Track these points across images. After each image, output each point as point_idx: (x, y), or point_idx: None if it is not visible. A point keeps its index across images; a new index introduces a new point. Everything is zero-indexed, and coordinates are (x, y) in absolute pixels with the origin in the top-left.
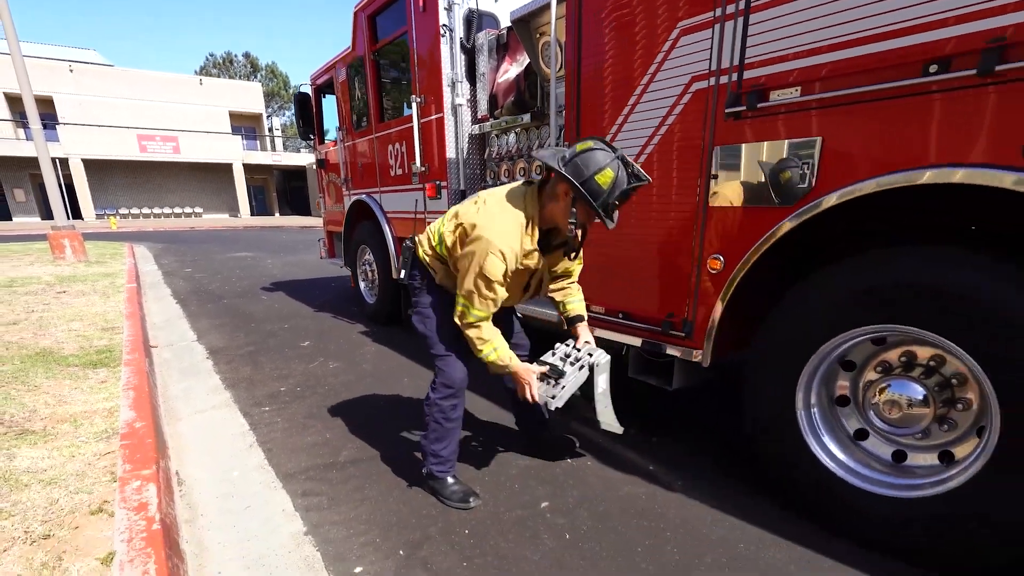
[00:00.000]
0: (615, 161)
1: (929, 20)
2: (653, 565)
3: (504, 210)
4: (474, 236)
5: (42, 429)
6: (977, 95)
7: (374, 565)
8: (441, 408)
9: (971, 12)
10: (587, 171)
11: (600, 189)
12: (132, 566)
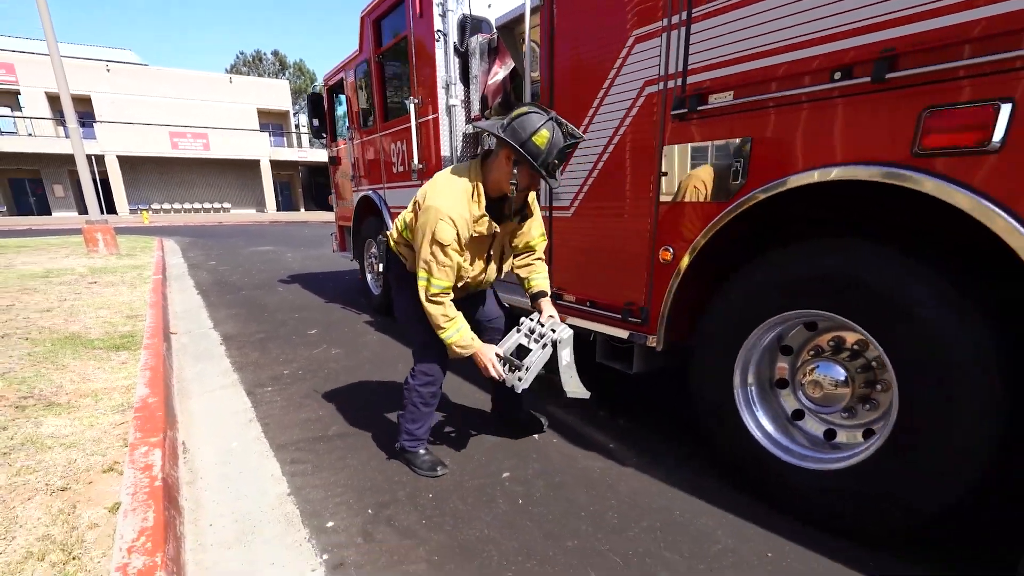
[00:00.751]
0: (550, 122)
1: (834, 32)
2: (592, 527)
3: (449, 181)
4: (424, 208)
5: (66, 402)
6: (872, 100)
7: (344, 520)
8: (420, 394)
9: (867, 25)
10: (524, 133)
11: (538, 149)
12: (134, 514)
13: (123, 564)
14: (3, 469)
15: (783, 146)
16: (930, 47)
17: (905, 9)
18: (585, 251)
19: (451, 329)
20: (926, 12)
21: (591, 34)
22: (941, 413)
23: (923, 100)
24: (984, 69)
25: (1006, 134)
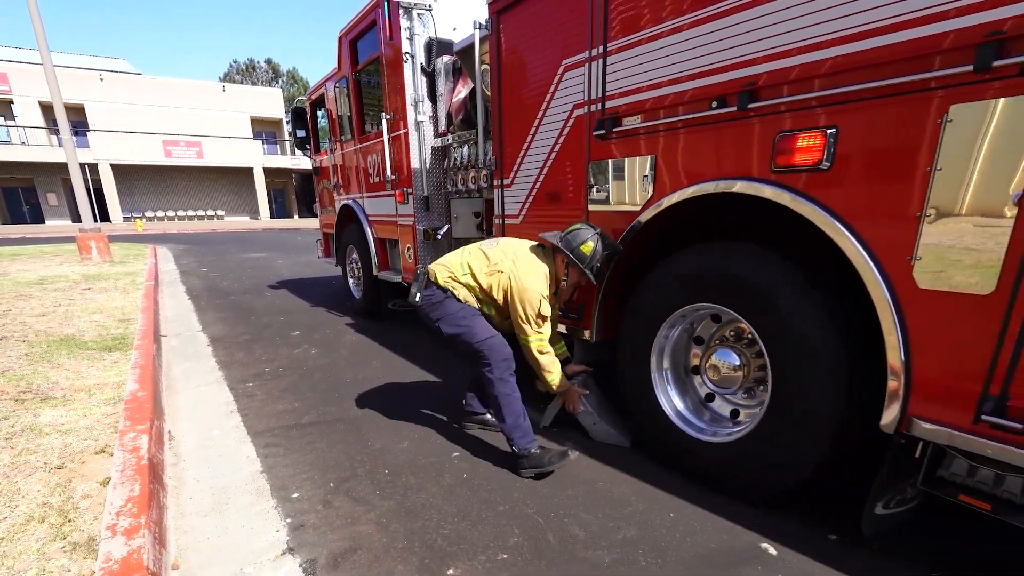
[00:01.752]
0: (595, 236)
1: (710, 68)
2: (524, 495)
3: (536, 267)
4: (523, 289)
5: (62, 396)
6: (740, 125)
7: (308, 492)
8: (506, 381)
9: (733, 63)
10: (574, 243)
11: (584, 255)
12: (122, 486)
13: (112, 524)
14: (6, 451)
15: (677, 163)
16: (779, 83)
17: (759, 52)
18: None
19: (556, 372)
20: (774, 54)
21: (530, 61)
22: (801, 388)
23: (776, 126)
24: (816, 103)
25: (834, 156)
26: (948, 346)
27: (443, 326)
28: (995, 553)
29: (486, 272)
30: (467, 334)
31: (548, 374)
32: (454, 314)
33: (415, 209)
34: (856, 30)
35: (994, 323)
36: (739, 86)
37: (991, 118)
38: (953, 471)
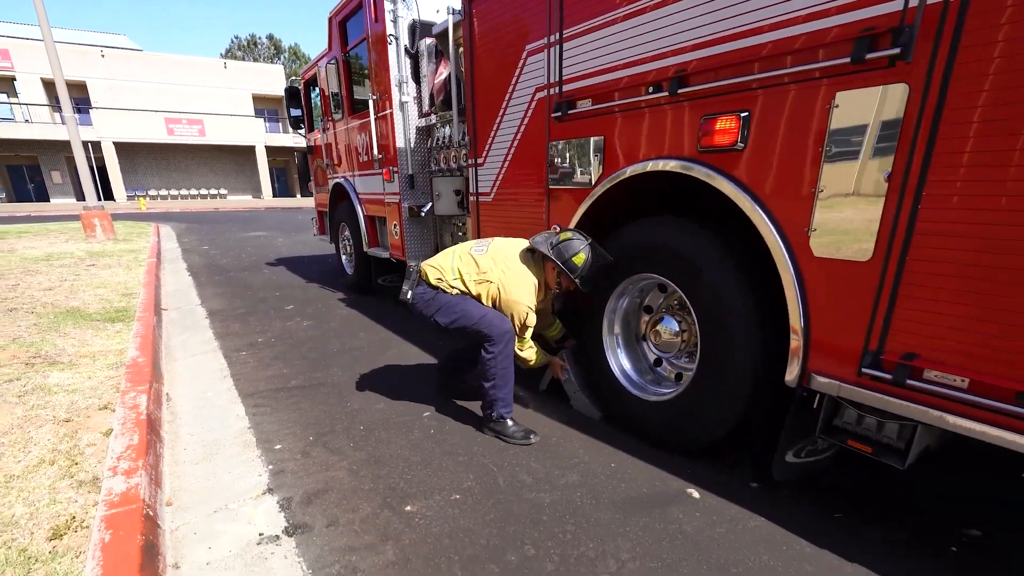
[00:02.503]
0: (587, 247)
1: (645, 56)
2: (482, 448)
3: (525, 278)
4: (511, 301)
5: (68, 361)
6: (671, 109)
7: (289, 444)
8: (505, 354)
9: (665, 51)
10: (567, 254)
11: (575, 267)
12: (123, 437)
13: (113, 466)
14: (19, 407)
15: (624, 143)
16: (702, 70)
17: (685, 42)
18: (504, 230)
19: (532, 356)
20: (697, 44)
21: (498, 46)
22: (723, 350)
23: (701, 110)
24: (734, 86)
25: (748, 136)
26: (837, 307)
27: (439, 317)
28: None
29: (475, 280)
30: (464, 318)
31: (526, 362)
32: (447, 304)
33: (401, 187)
34: (760, 24)
35: (871, 286)
36: (670, 73)
37: (866, 104)
38: (845, 420)
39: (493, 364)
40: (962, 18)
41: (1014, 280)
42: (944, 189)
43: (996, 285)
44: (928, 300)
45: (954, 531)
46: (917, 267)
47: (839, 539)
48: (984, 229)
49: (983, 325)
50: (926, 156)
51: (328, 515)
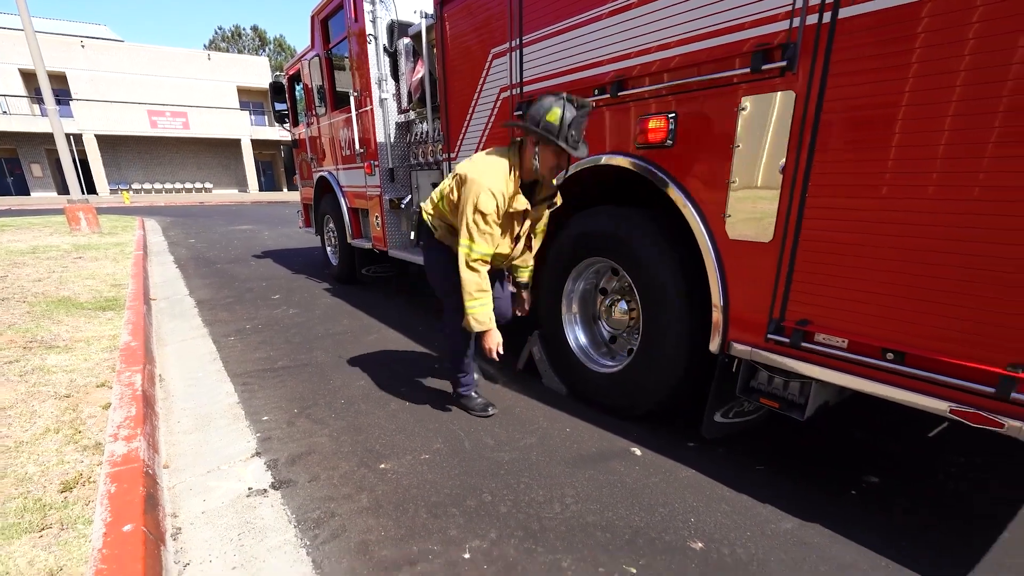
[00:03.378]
0: (559, 100)
1: (593, 61)
2: (454, 416)
3: (490, 160)
4: (468, 180)
5: (64, 345)
6: (613, 110)
7: (275, 416)
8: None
9: (609, 58)
10: (538, 115)
11: (552, 126)
12: (121, 409)
13: (114, 434)
14: (22, 384)
15: None
16: (639, 75)
17: (625, 50)
18: None
19: (479, 301)
20: (634, 52)
21: (467, 49)
22: (660, 324)
23: (638, 111)
24: (662, 90)
25: (676, 135)
26: (749, 283)
27: (429, 275)
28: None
29: (449, 185)
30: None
31: (469, 296)
32: (433, 264)
33: (381, 180)
34: (681, 36)
35: (773, 264)
36: (612, 77)
37: (764, 108)
38: (759, 381)
39: (452, 339)
40: (831, 37)
41: (876, 255)
42: (824, 180)
43: (864, 260)
44: (816, 274)
45: (856, 478)
46: (806, 247)
47: (757, 486)
48: (853, 214)
49: (857, 294)
50: (810, 152)
51: (310, 472)
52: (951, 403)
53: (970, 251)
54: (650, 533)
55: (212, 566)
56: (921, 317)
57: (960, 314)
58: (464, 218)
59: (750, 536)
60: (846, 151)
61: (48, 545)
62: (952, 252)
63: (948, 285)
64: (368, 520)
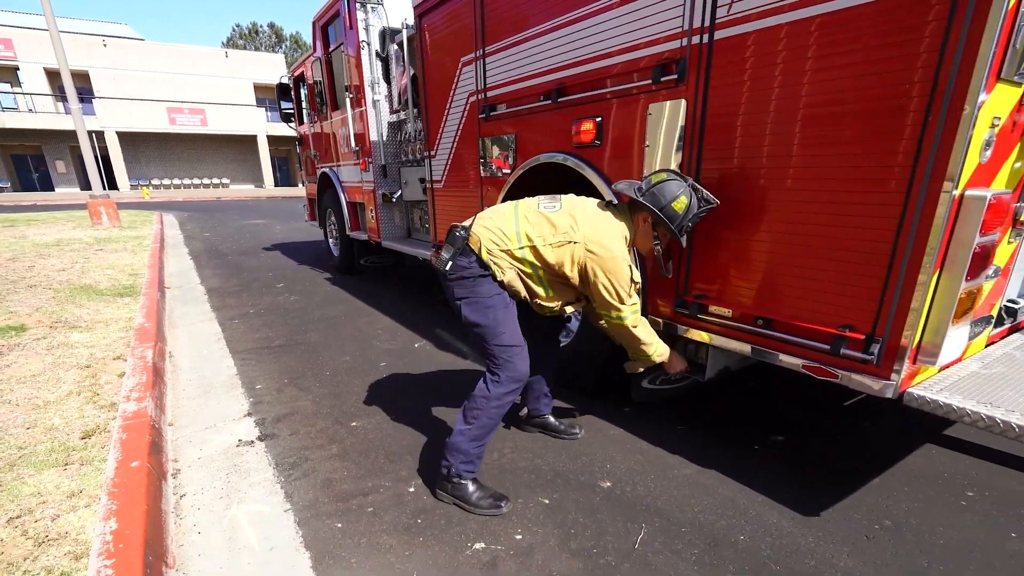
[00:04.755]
0: (688, 189)
1: (538, 71)
2: (427, 387)
3: (614, 230)
4: (610, 257)
5: (85, 325)
6: (553, 114)
7: (267, 384)
8: (503, 403)
9: (548, 68)
10: (664, 199)
11: (676, 214)
12: (133, 377)
13: (127, 395)
14: (49, 356)
15: (528, 139)
16: (573, 84)
17: (561, 62)
18: (455, 214)
19: (655, 342)
20: (568, 65)
21: (442, 56)
22: None
23: (573, 115)
24: (591, 98)
25: (602, 136)
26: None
27: (465, 308)
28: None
29: (553, 244)
30: (492, 331)
31: (647, 346)
32: (485, 299)
33: (375, 176)
34: (602, 52)
35: (679, 248)
36: (553, 86)
37: (664, 113)
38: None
39: (483, 406)
40: (711, 55)
41: (748, 240)
42: (710, 175)
43: (739, 243)
44: (707, 256)
45: (764, 437)
46: (700, 232)
47: (672, 441)
48: (731, 205)
49: (737, 273)
50: (699, 151)
51: (292, 428)
52: (803, 360)
53: (811, 234)
54: (569, 475)
55: (203, 496)
56: (781, 291)
57: (808, 286)
58: (618, 293)
59: (653, 478)
60: (722, 151)
61: (71, 475)
62: (799, 235)
63: (798, 264)
64: (335, 464)
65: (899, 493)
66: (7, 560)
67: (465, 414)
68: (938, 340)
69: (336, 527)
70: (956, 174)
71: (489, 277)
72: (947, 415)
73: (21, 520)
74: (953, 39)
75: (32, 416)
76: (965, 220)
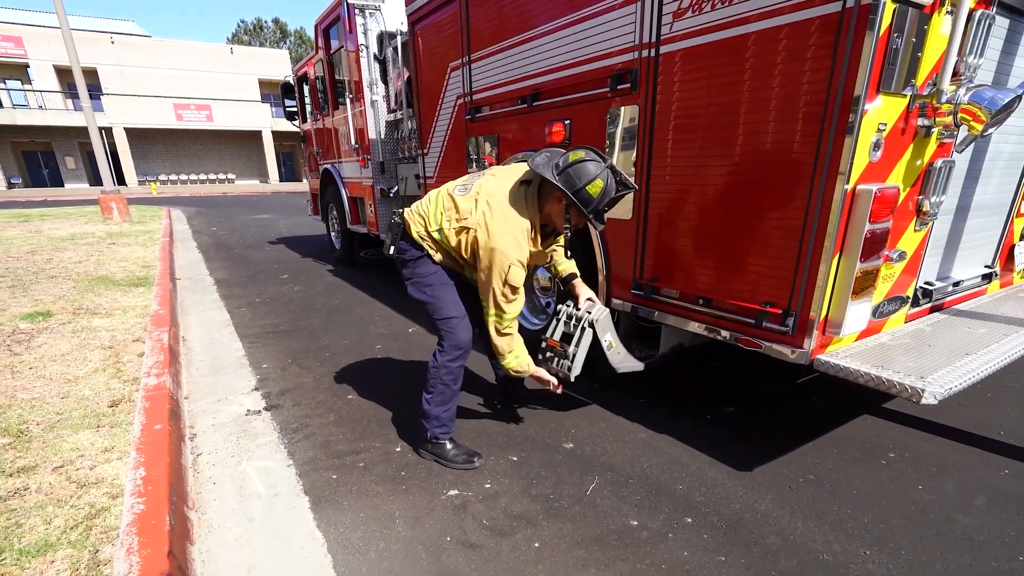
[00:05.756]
0: (605, 171)
1: (517, 77)
2: (417, 363)
3: (511, 220)
4: (489, 248)
5: (105, 312)
6: (530, 116)
7: (273, 363)
8: (450, 370)
9: (525, 75)
10: (579, 182)
11: (591, 198)
12: (151, 356)
13: (147, 371)
14: (75, 339)
15: (508, 140)
16: (546, 90)
17: (535, 70)
18: None
19: (513, 356)
20: (541, 72)
21: (433, 61)
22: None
23: (547, 117)
24: (561, 102)
25: (571, 137)
26: (620, 252)
27: (410, 288)
28: (690, 390)
29: (455, 228)
30: (432, 306)
31: (503, 358)
32: (424, 278)
33: (374, 172)
34: (569, 62)
35: (633, 236)
36: (529, 91)
37: (621, 117)
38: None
39: (435, 375)
40: (656, 66)
41: (689, 229)
42: (658, 172)
43: (683, 231)
44: (658, 243)
45: (718, 408)
46: (651, 222)
47: (634, 411)
48: (675, 198)
49: (682, 258)
50: (649, 151)
51: (294, 400)
52: (735, 333)
53: (739, 222)
54: (536, 438)
55: (217, 455)
56: (717, 273)
57: (738, 268)
58: (491, 289)
59: (611, 441)
60: (667, 150)
61: (103, 435)
62: (729, 223)
63: (729, 249)
64: (332, 429)
65: (828, 455)
66: (57, 497)
67: (426, 385)
68: (840, 314)
69: (332, 478)
70: (847, 171)
71: (425, 257)
72: (847, 376)
73: (64, 469)
74: (839, 59)
75: (65, 388)
76: (856, 210)
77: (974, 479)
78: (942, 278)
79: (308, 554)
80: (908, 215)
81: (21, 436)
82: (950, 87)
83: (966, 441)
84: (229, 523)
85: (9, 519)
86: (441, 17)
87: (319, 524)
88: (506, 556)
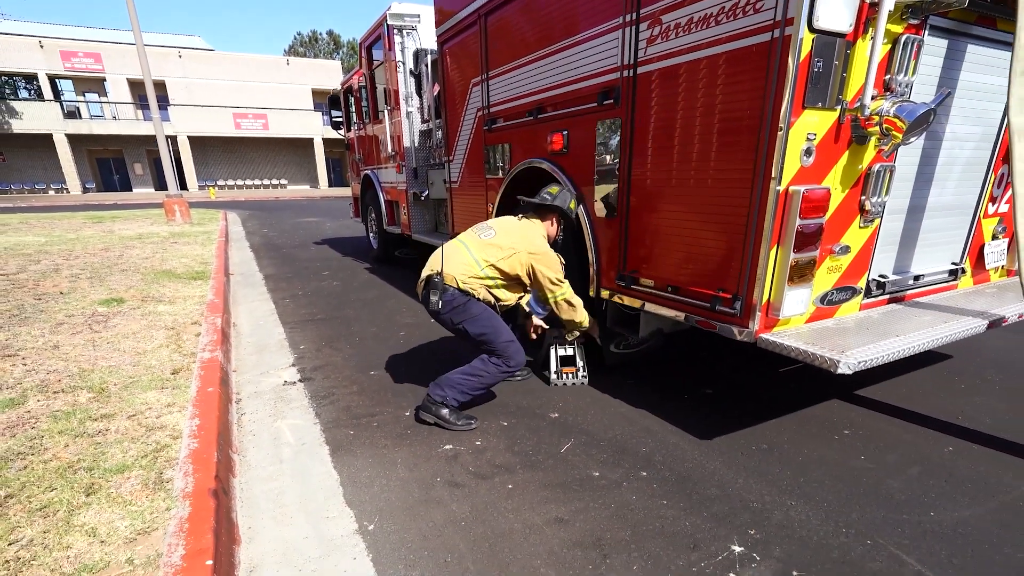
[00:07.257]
0: (574, 195)
1: (525, 92)
2: (433, 350)
3: (537, 236)
4: (537, 253)
5: (168, 300)
6: (535, 127)
7: (309, 345)
8: (501, 378)
9: (531, 91)
10: (564, 204)
11: (570, 213)
12: (206, 336)
13: (203, 348)
14: (144, 320)
15: (519, 148)
16: (548, 105)
17: (540, 87)
18: (466, 207)
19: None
20: (543, 89)
21: (458, 77)
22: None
23: (549, 128)
24: (560, 115)
25: (568, 146)
26: (607, 247)
27: (469, 326)
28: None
29: (504, 258)
30: (491, 334)
31: (582, 314)
32: (479, 315)
33: (407, 178)
34: (566, 79)
35: (618, 233)
36: (534, 105)
37: (608, 128)
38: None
39: (485, 373)
40: (635, 84)
41: (660, 224)
42: (637, 176)
43: (655, 228)
44: (637, 239)
45: (697, 389)
46: (632, 221)
47: (619, 390)
48: (650, 200)
49: (655, 252)
50: (630, 157)
51: (325, 375)
52: (696, 317)
53: (699, 218)
54: (527, 408)
55: (257, 415)
56: (683, 264)
57: (698, 259)
58: (549, 276)
59: (593, 413)
60: (644, 157)
61: (166, 394)
62: (692, 219)
63: (691, 241)
64: (354, 397)
65: (787, 429)
66: (131, 436)
67: (474, 369)
68: (779, 298)
69: (349, 433)
70: (779, 174)
71: (472, 299)
72: (782, 352)
73: (136, 417)
74: (770, 80)
75: (135, 359)
76: (789, 208)
77: (916, 453)
78: (899, 272)
79: (324, 487)
80: (851, 213)
81: (103, 392)
82: (878, 101)
83: (925, 424)
84: (264, 463)
85: (96, 449)
86: (464, 38)
87: (335, 466)
88: (483, 493)
